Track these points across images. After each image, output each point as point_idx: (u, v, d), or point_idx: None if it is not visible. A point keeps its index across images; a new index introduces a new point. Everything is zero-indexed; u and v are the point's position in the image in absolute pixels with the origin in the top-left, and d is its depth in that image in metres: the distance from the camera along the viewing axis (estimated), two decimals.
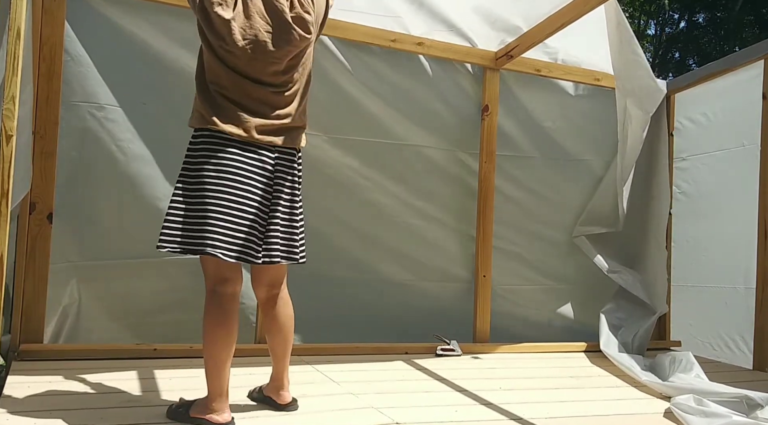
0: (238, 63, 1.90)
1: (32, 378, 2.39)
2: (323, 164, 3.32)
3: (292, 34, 1.93)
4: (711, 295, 3.87)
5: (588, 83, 3.89)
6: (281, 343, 2.16)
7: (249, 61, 1.90)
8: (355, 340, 3.29)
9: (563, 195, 3.86)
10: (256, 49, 1.90)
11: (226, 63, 1.90)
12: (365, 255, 3.41)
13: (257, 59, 1.91)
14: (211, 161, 1.89)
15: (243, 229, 1.91)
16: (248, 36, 1.89)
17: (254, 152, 1.93)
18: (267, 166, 1.96)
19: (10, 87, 2.20)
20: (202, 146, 1.92)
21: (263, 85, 1.94)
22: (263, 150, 1.95)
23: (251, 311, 3.16)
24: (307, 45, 2.01)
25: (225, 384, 1.98)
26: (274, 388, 2.21)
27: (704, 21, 17.83)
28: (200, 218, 1.89)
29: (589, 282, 3.92)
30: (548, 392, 2.74)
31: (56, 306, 2.83)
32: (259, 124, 1.93)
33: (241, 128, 1.90)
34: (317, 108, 3.30)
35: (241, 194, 1.90)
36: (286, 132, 2.01)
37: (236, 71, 1.91)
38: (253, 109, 1.93)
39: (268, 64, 1.93)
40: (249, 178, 1.92)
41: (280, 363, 2.18)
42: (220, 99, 1.91)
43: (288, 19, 1.93)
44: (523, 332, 3.76)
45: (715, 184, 3.90)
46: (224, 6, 1.87)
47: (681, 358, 3.00)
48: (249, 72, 1.91)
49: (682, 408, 2.35)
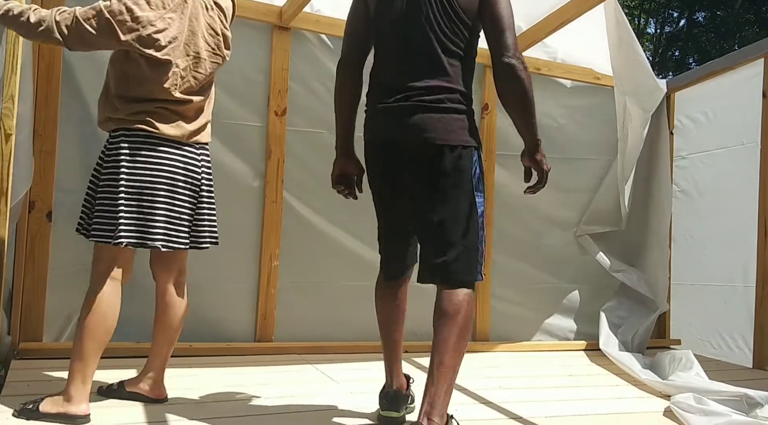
0: (181, 82, 2.03)
1: (32, 376, 2.39)
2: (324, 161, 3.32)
3: (224, 53, 2.17)
4: (710, 294, 3.87)
5: (588, 82, 3.89)
6: (168, 342, 2.18)
7: (189, 78, 2.05)
8: (356, 339, 3.30)
9: (563, 194, 3.86)
10: (197, 65, 2.07)
11: (169, 81, 2.00)
12: (366, 254, 3.40)
13: (196, 77, 2.07)
14: (149, 159, 2.00)
15: (176, 220, 2.04)
16: (191, 53, 2.05)
17: (185, 150, 2.07)
18: (194, 160, 2.09)
19: (9, 86, 2.20)
20: (139, 144, 2.01)
21: (196, 95, 2.09)
22: (191, 147, 2.09)
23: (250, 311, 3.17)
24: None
25: (90, 373, 1.96)
26: (152, 382, 2.19)
27: (704, 19, 17.84)
28: (140, 212, 1.97)
29: (590, 281, 3.91)
30: (548, 391, 2.74)
31: (65, 309, 2.82)
32: (191, 128, 2.08)
33: (177, 131, 2.04)
34: (319, 105, 3.30)
35: (175, 188, 2.03)
36: (205, 129, 2.16)
37: (179, 87, 2.03)
38: (187, 115, 2.07)
39: (202, 80, 2.09)
40: (182, 174, 2.04)
41: (162, 359, 2.19)
42: (158, 105, 2.01)
43: (223, 40, 2.16)
44: (522, 331, 3.76)
45: (715, 183, 3.90)
46: (167, 24, 1.99)
47: (681, 357, 3.00)
48: (188, 88, 2.06)
49: (681, 407, 2.35)
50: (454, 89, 1.90)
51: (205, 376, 2.60)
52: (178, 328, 2.20)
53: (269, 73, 3.20)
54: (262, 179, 3.20)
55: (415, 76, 1.88)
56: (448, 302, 1.84)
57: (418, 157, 1.87)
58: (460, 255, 1.87)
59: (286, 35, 3.22)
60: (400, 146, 1.89)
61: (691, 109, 4.02)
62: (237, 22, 3.11)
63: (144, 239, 1.98)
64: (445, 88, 1.88)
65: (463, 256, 1.87)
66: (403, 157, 1.90)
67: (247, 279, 3.19)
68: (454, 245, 1.86)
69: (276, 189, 3.21)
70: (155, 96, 2.00)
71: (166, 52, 1.98)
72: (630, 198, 3.77)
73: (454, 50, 1.90)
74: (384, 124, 1.93)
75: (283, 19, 3.16)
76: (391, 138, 1.92)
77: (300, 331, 3.24)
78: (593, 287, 3.92)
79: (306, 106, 3.29)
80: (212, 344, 3.03)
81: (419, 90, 1.87)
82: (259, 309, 3.17)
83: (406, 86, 1.88)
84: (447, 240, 1.87)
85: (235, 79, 3.14)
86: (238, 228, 3.15)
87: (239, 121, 3.16)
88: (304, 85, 3.29)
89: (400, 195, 1.97)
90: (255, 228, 3.20)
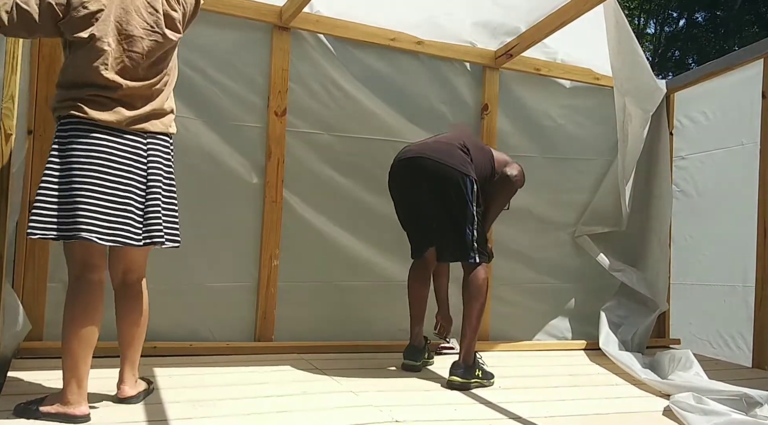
0: (113, 62, 1.95)
1: (32, 376, 2.39)
2: (323, 161, 3.33)
3: (164, 30, 2.04)
4: (710, 293, 3.87)
5: (587, 82, 3.90)
6: (131, 340, 2.14)
7: (123, 58, 1.97)
8: (355, 339, 3.30)
9: (563, 194, 3.87)
10: (130, 44, 1.97)
11: (98, 60, 1.93)
12: (366, 254, 3.41)
13: (131, 56, 1.97)
14: (80, 146, 1.91)
15: (116, 212, 1.93)
16: (123, 31, 1.96)
17: (126, 138, 1.97)
18: (138, 150, 2.00)
19: (9, 86, 2.21)
20: (71, 132, 1.93)
21: (137, 80, 2.00)
22: (135, 135, 2.00)
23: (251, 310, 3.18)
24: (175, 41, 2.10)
25: (84, 375, 1.94)
26: (118, 381, 2.16)
27: (704, 20, 17.85)
28: (71, 203, 1.89)
29: (589, 281, 3.92)
30: (548, 390, 2.74)
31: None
32: (132, 115, 1.98)
33: (113, 117, 1.94)
34: (318, 105, 3.31)
35: (113, 177, 1.93)
36: (157, 118, 2.06)
37: (109, 67, 1.94)
38: (126, 101, 1.98)
39: (140, 61, 1.99)
40: (121, 163, 1.95)
41: (123, 359, 2.15)
42: (91, 91, 1.94)
43: (165, 18, 2.04)
44: (522, 331, 3.76)
45: (714, 183, 3.90)
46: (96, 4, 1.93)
47: (680, 356, 3.00)
48: (122, 69, 1.97)
49: (681, 406, 2.36)
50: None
51: (205, 376, 2.61)
52: (129, 330, 2.13)
53: (269, 74, 3.21)
54: (262, 179, 3.20)
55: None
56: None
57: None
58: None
59: (287, 35, 3.23)
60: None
61: (690, 109, 4.02)
62: (237, 22, 3.14)
63: (69, 232, 1.89)
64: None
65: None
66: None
67: (247, 278, 3.19)
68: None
69: (276, 189, 3.21)
70: (87, 79, 1.92)
71: (92, 30, 1.92)
72: (631, 198, 3.77)
73: None
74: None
75: (283, 20, 3.16)
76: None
77: (300, 331, 3.25)
78: (593, 287, 3.92)
79: (306, 107, 3.30)
80: (212, 344, 3.03)
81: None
82: (259, 309, 3.17)
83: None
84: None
85: (235, 80, 3.14)
86: (238, 228, 3.16)
87: (239, 122, 3.16)
88: (304, 86, 3.29)
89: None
90: (255, 228, 3.20)
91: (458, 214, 2.73)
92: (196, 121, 3.06)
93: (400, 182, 2.90)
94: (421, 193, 2.81)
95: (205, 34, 3.05)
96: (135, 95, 2.00)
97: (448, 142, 2.84)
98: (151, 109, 2.03)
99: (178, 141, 3.01)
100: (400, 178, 2.89)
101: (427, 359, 2.98)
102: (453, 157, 2.75)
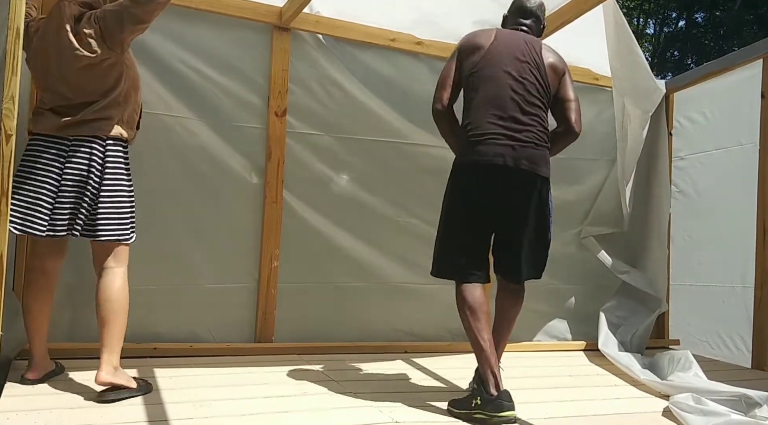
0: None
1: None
2: (323, 162, 3.33)
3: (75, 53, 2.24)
4: (709, 294, 3.87)
5: (587, 82, 3.89)
6: (102, 323, 2.25)
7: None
8: (355, 339, 3.30)
9: (563, 194, 3.86)
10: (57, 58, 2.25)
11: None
12: (366, 255, 3.41)
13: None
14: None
15: (29, 205, 2.21)
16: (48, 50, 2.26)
17: (49, 142, 2.24)
18: (61, 152, 2.24)
19: (9, 86, 2.20)
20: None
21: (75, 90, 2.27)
22: (62, 140, 2.24)
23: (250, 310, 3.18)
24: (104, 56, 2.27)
25: (38, 345, 2.35)
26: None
27: (703, 20, 17.85)
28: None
29: (589, 281, 3.92)
30: (547, 391, 2.75)
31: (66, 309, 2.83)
32: (67, 121, 2.24)
33: (42, 126, 2.26)
34: (318, 106, 3.31)
35: (28, 176, 2.23)
36: (94, 123, 2.27)
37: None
38: (55, 109, 2.27)
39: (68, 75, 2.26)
40: (39, 163, 2.23)
41: (101, 344, 2.24)
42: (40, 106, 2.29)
43: (70, 41, 2.23)
44: (521, 331, 3.75)
45: (713, 183, 3.90)
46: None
47: (679, 357, 3.01)
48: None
49: (680, 407, 2.36)
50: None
51: (205, 376, 2.61)
52: (99, 313, 2.26)
53: (269, 75, 3.21)
54: (262, 180, 3.20)
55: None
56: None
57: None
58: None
59: (287, 36, 3.23)
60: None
61: (689, 109, 4.02)
62: (237, 22, 3.14)
63: (12, 224, 2.12)
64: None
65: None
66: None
67: (247, 279, 3.19)
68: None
69: (276, 189, 3.21)
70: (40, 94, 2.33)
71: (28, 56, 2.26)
72: (631, 198, 3.77)
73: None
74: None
75: (283, 20, 3.16)
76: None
77: (300, 331, 3.25)
78: (592, 287, 3.92)
79: (306, 107, 3.30)
80: (212, 344, 3.04)
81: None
82: (259, 310, 3.18)
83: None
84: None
85: (236, 81, 3.14)
86: (238, 229, 3.16)
87: (239, 122, 3.16)
88: (304, 87, 3.29)
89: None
90: (255, 229, 3.20)
91: (544, 227, 2.52)
92: (196, 121, 3.06)
93: (492, 188, 2.40)
94: (510, 202, 2.42)
95: (205, 36, 3.05)
96: (73, 104, 2.26)
97: (535, 134, 2.44)
98: (94, 116, 2.25)
99: (178, 141, 3.04)
100: (494, 184, 2.39)
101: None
102: (543, 159, 2.46)
